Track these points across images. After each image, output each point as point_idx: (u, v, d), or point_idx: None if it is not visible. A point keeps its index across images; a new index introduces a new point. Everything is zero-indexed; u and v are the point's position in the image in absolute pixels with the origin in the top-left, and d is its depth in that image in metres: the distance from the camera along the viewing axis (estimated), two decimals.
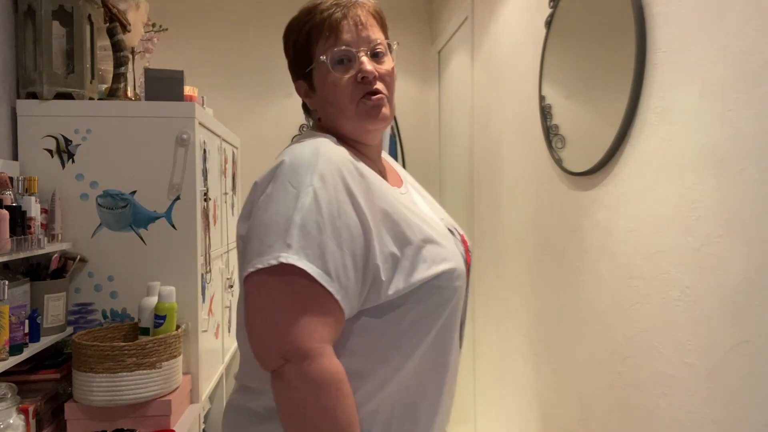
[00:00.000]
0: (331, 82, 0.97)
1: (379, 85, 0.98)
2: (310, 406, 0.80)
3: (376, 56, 0.99)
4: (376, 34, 0.99)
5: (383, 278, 0.88)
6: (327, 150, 0.92)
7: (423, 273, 0.90)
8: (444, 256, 0.93)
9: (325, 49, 0.97)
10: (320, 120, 1.07)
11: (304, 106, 1.11)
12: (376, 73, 0.97)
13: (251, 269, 0.85)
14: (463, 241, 1.05)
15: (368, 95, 0.97)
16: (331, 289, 0.83)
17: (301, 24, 0.99)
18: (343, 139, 1.00)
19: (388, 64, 1.00)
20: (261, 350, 0.84)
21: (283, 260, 0.82)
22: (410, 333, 0.91)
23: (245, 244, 0.90)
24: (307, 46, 0.99)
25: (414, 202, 1.03)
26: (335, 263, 0.84)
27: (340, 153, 0.93)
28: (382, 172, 1.04)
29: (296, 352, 0.80)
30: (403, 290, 0.89)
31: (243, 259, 0.91)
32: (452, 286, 0.94)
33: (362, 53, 0.97)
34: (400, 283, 0.89)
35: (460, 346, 1.03)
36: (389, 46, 1.01)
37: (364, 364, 0.90)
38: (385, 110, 0.99)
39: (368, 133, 1.00)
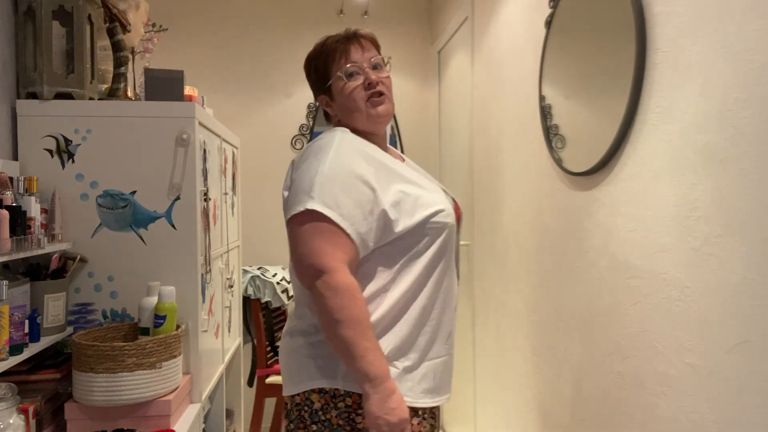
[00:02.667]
0: (346, 90, 1.37)
1: (381, 88, 1.38)
2: (333, 305, 1.15)
3: (376, 68, 1.39)
4: (374, 53, 1.41)
5: (392, 218, 1.24)
6: (345, 134, 1.33)
7: (422, 213, 1.28)
8: (435, 200, 1.32)
9: (339, 67, 1.38)
10: (339, 122, 1.42)
11: (325, 114, 1.49)
12: (377, 79, 1.37)
13: (289, 216, 1.24)
14: (454, 201, 1.45)
15: (374, 96, 1.36)
16: (342, 225, 1.19)
17: (318, 53, 1.41)
18: (357, 132, 1.37)
19: (385, 72, 1.41)
20: (300, 274, 1.21)
21: (309, 206, 1.19)
22: (415, 257, 1.28)
23: (286, 203, 1.29)
24: (325, 67, 1.40)
25: (411, 171, 1.38)
26: (347, 207, 1.20)
27: (354, 136, 1.34)
28: (387, 153, 1.39)
29: (321, 270, 1.17)
30: (409, 227, 1.26)
31: (286, 214, 1.27)
32: (444, 222, 1.31)
33: (367, 66, 1.38)
34: (406, 221, 1.26)
35: (458, 281, 1.41)
36: (383, 59, 1.43)
37: (387, 282, 1.27)
38: (387, 107, 1.39)
39: (377, 124, 1.38)
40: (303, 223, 1.20)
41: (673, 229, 1.20)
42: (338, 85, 1.37)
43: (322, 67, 1.40)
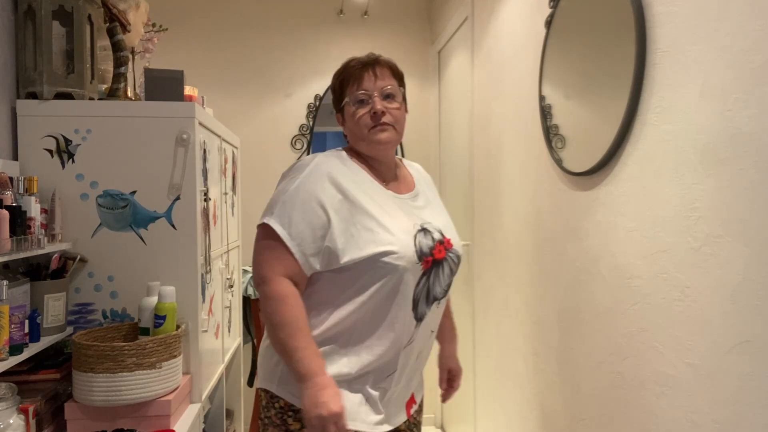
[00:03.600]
0: (353, 116, 1.41)
1: (386, 118, 1.40)
2: (268, 310, 1.28)
3: (388, 97, 1.41)
4: (389, 82, 1.42)
5: (339, 248, 1.30)
6: (322, 158, 1.40)
7: (371, 250, 1.30)
8: (389, 241, 1.31)
9: (351, 92, 1.42)
10: (348, 140, 1.48)
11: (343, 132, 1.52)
12: (384, 109, 1.40)
13: (258, 225, 1.36)
14: (445, 241, 1.42)
15: (377, 126, 1.40)
16: (288, 244, 1.29)
17: (338, 75, 1.46)
18: (361, 155, 1.44)
19: (396, 103, 1.42)
20: (253, 281, 1.34)
21: (266, 221, 1.33)
22: (360, 290, 1.32)
23: None
24: (341, 90, 1.45)
25: (384, 205, 1.37)
26: (298, 228, 1.30)
27: (332, 161, 1.39)
28: (386, 179, 1.46)
29: (262, 278, 1.30)
30: (356, 260, 1.30)
31: None
32: (392, 264, 1.30)
33: (376, 95, 1.40)
34: (354, 254, 1.30)
35: (418, 320, 1.38)
36: (400, 90, 1.45)
37: (330, 301, 1.34)
38: (389, 135, 1.41)
39: (378, 150, 1.42)
40: (260, 235, 1.34)
41: (673, 229, 1.20)
42: (348, 109, 1.42)
43: (339, 88, 1.46)
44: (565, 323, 1.72)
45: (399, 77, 1.46)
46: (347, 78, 1.43)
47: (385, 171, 1.47)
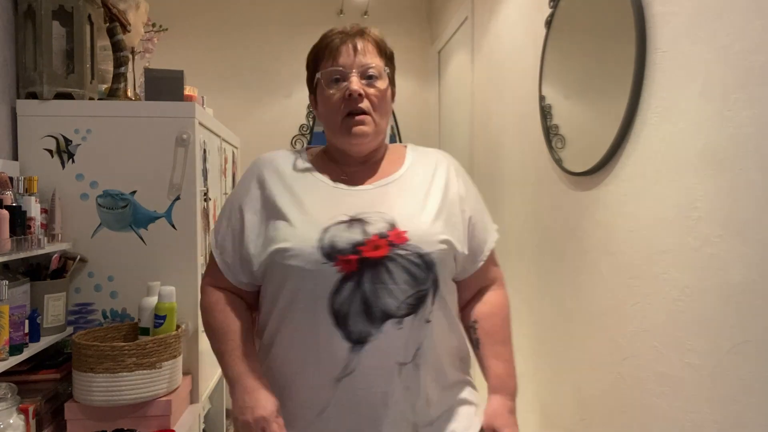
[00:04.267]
0: (325, 98, 1.14)
1: (364, 104, 1.12)
2: (203, 321, 1.20)
3: (369, 78, 1.13)
4: (372, 60, 1.14)
5: (251, 253, 1.12)
6: (267, 154, 1.23)
7: (269, 249, 1.08)
8: (285, 237, 1.07)
9: (323, 69, 1.15)
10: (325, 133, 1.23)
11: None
12: (362, 92, 1.11)
13: None
14: (392, 234, 1.06)
15: (352, 114, 1.12)
16: (214, 253, 1.17)
17: (314, 48, 1.18)
18: (331, 147, 1.21)
19: (379, 86, 1.14)
20: None
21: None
22: (272, 302, 1.11)
23: None
24: (314, 66, 1.18)
25: (326, 193, 1.14)
26: (221, 236, 1.17)
27: (276, 155, 1.21)
28: (350, 174, 1.17)
29: (201, 288, 1.22)
30: (262, 264, 1.10)
31: None
32: (284, 264, 1.06)
33: (354, 74, 1.12)
34: (260, 258, 1.11)
35: (354, 341, 1.04)
36: (386, 72, 1.16)
37: (263, 315, 1.16)
38: (365, 128, 1.12)
39: (351, 146, 1.15)
40: None
41: (673, 229, 1.20)
42: (320, 89, 1.16)
43: (312, 63, 1.19)
44: (565, 323, 1.72)
45: (387, 56, 1.18)
46: (322, 50, 1.15)
47: (353, 164, 1.19)
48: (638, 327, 1.32)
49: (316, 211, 1.09)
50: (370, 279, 1.03)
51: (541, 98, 1.85)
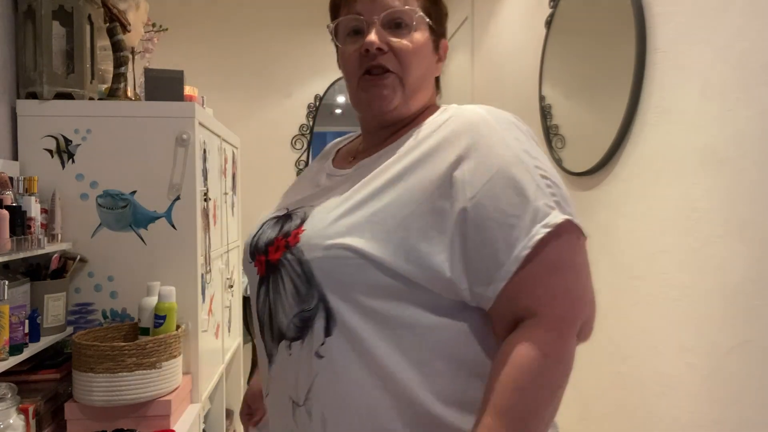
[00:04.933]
0: (341, 55, 0.92)
1: (386, 60, 0.86)
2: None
3: (397, 27, 0.87)
4: (400, 3, 0.86)
5: None
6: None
7: None
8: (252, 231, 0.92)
9: (341, 17, 0.90)
10: None
11: None
12: (381, 45, 0.85)
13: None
14: (291, 234, 0.83)
15: (370, 71, 0.87)
16: None
17: None
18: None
19: (410, 38, 0.86)
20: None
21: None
22: None
23: None
24: (334, 13, 0.93)
25: (308, 181, 0.99)
26: None
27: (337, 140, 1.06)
28: (354, 152, 0.97)
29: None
30: None
31: None
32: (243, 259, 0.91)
33: (375, 23, 0.86)
34: None
35: (268, 356, 0.86)
36: (422, 17, 0.87)
37: None
38: (384, 91, 0.86)
39: (368, 114, 0.92)
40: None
41: (673, 229, 1.19)
42: (337, 46, 0.93)
43: (332, 13, 0.95)
44: None
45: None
46: None
47: (369, 134, 0.96)
48: (638, 327, 1.32)
49: (276, 203, 0.97)
50: (273, 287, 0.84)
51: (541, 98, 1.85)
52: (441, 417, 0.76)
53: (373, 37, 0.85)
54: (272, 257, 0.84)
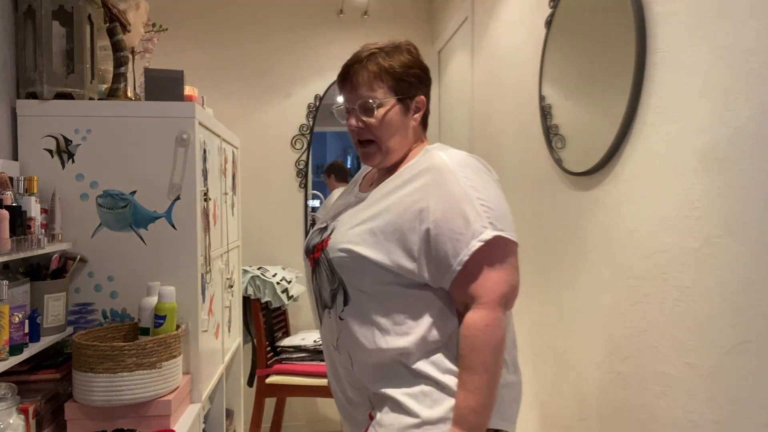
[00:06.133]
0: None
1: (364, 135, 1.29)
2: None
3: (369, 109, 1.26)
4: (365, 93, 1.26)
5: None
6: None
7: None
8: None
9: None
10: None
11: None
12: (358, 124, 1.28)
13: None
14: (324, 241, 1.29)
15: (358, 142, 1.32)
16: None
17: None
18: None
19: (378, 114, 1.27)
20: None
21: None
22: None
23: None
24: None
25: (343, 200, 1.40)
26: None
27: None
28: (372, 179, 1.38)
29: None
30: None
31: None
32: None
33: (354, 108, 1.28)
34: None
35: (320, 320, 1.33)
36: (385, 96, 1.27)
37: None
38: (369, 152, 1.30)
39: (370, 166, 1.38)
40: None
41: (673, 229, 1.20)
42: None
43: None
44: (565, 323, 1.72)
45: (393, 77, 1.27)
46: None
47: (378, 170, 1.39)
48: (638, 327, 1.32)
49: (322, 216, 1.34)
50: (317, 275, 1.29)
51: (541, 98, 1.85)
52: (411, 352, 1.20)
53: (352, 120, 1.29)
54: (315, 255, 1.30)
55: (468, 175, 1.18)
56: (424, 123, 1.35)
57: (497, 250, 1.15)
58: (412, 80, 1.29)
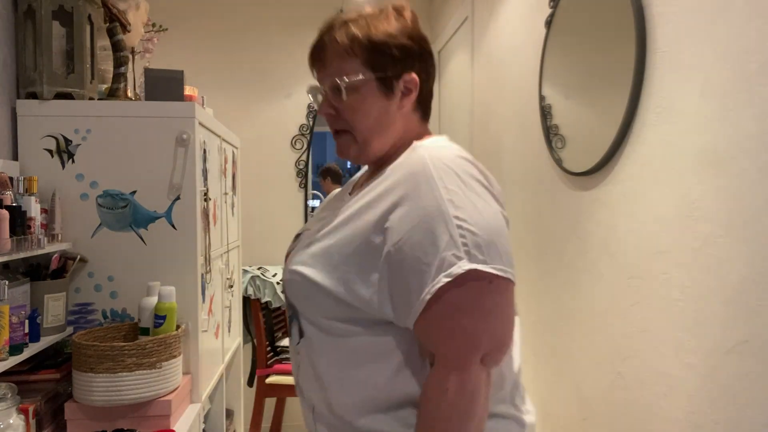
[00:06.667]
0: None
1: (337, 124, 1.02)
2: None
3: (338, 92, 0.99)
4: (333, 70, 0.99)
5: None
6: None
7: None
8: None
9: None
10: None
11: None
12: (328, 111, 1.02)
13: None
14: (289, 255, 1.08)
15: (334, 133, 1.05)
16: None
17: None
18: None
19: (347, 99, 0.99)
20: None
21: None
22: None
23: None
24: None
25: (328, 205, 1.14)
26: None
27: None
28: (361, 180, 1.12)
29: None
30: None
31: None
32: None
33: (325, 92, 1.02)
34: None
35: (297, 342, 1.03)
36: (353, 76, 0.98)
37: None
38: (345, 148, 1.03)
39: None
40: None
41: (673, 229, 1.19)
42: None
43: None
44: (565, 323, 1.72)
45: (364, 48, 0.98)
46: None
47: (370, 168, 1.11)
48: (638, 327, 1.32)
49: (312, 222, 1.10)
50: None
51: (541, 98, 1.85)
52: (361, 410, 0.95)
53: (322, 107, 1.03)
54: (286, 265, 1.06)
55: (449, 183, 0.88)
56: (423, 111, 1.05)
57: (474, 290, 0.85)
58: (395, 53, 0.99)
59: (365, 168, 1.15)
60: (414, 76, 1.01)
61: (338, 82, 0.98)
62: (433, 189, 0.88)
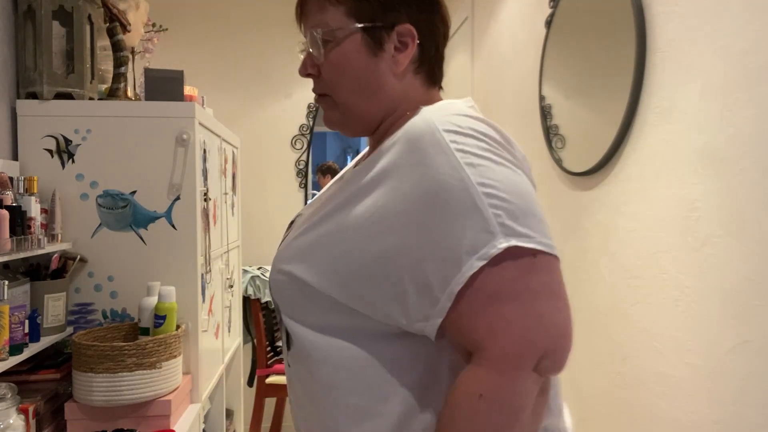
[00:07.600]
0: None
1: (319, 87, 0.87)
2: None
3: (316, 46, 0.83)
4: (317, 20, 0.82)
5: None
6: None
7: None
8: None
9: None
10: None
11: None
12: (310, 70, 0.86)
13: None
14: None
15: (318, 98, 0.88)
16: None
17: None
18: None
19: (330, 54, 0.82)
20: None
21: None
22: None
23: None
24: None
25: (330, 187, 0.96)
26: None
27: None
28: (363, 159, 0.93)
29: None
30: None
31: None
32: None
33: (306, 48, 0.86)
34: None
35: (288, 348, 0.85)
36: (333, 27, 0.81)
37: None
38: (331, 114, 0.87)
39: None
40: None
41: (673, 229, 1.19)
42: None
43: None
44: None
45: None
46: None
47: (371, 146, 0.92)
48: (638, 327, 1.32)
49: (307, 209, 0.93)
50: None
51: (541, 98, 1.85)
52: None
53: (301, 64, 0.86)
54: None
55: (464, 145, 0.70)
56: (428, 74, 0.87)
57: (515, 270, 0.68)
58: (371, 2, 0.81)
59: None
60: (410, 27, 0.81)
61: (315, 34, 0.82)
62: (446, 152, 0.70)
